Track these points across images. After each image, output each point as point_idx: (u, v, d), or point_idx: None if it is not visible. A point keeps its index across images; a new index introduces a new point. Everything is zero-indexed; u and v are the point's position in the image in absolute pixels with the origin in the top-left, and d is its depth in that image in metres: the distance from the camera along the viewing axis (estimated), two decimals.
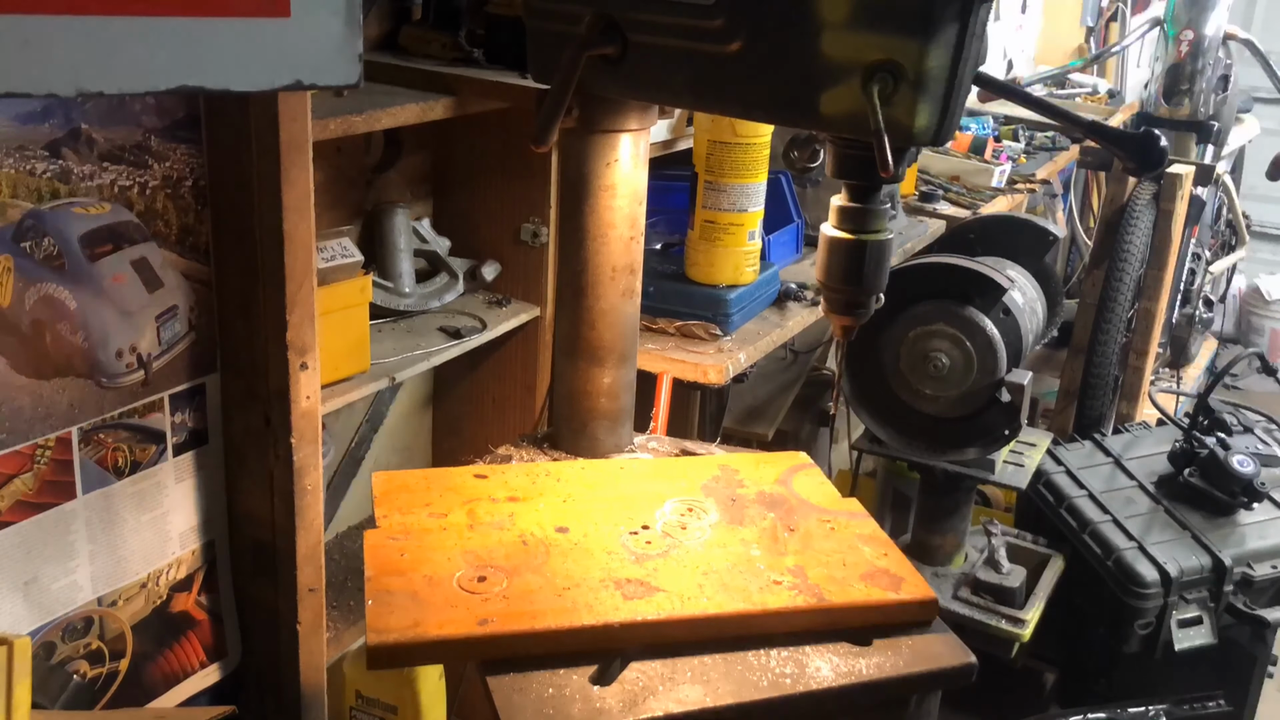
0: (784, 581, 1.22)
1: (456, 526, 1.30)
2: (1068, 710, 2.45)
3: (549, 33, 1.29)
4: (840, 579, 1.23)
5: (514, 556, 1.24)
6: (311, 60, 1.04)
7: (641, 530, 1.31)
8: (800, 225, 2.53)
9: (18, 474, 1.40)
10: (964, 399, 2.22)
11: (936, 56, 1.03)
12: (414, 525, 1.30)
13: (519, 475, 1.42)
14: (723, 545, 1.29)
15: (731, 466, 1.47)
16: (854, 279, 1.21)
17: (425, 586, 1.18)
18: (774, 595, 1.19)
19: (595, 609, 1.16)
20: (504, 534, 1.29)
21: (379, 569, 1.21)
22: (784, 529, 1.32)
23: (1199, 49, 3.77)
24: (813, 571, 1.24)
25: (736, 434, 2.70)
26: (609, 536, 1.30)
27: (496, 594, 1.18)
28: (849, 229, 1.20)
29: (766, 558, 1.26)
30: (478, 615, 1.14)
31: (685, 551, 1.27)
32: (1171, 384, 3.88)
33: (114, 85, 0.95)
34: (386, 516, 1.31)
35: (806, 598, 1.19)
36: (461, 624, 1.13)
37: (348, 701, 1.93)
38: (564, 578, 1.21)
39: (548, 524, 1.31)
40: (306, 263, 1.51)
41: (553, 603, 1.16)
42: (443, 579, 1.20)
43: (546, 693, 1.09)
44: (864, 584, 1.22)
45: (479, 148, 2.05)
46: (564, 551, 1.26)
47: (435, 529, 1.29)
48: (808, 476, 1.45)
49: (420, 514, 1.32)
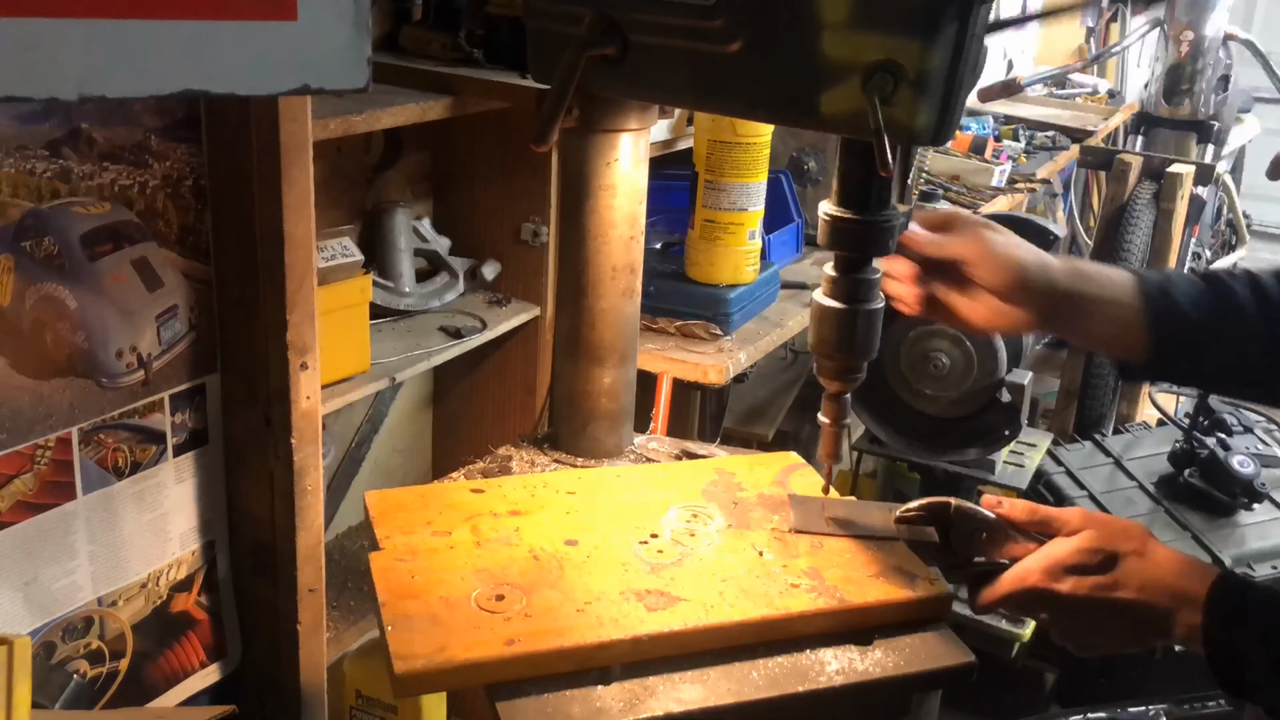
0: (801, 584, 1.21)
1: (463, 545, 1.27)
2: (1068, 710, 2.45)
3: (549, 33, 1.29)
4: (856, 579, 1.22)
5: (528, 573, 1.22)
6: (319, 64, 1.04)
7: (651, 539, 1.30)
8: (800, 225, 2.53)
9: (18, 474, 1.40)
10: (964, 399, 2.22)
11: (936, 56, 1.03)
12: (420, 545, 1.26)
13: (516, 488, 1.40)
14: (734, 550, 1.27)
15: (727, 470, 1.46)
16: (846, 348, 1.23)
17: (444, 609, 1.15)
18: (795, 599, 1.18)
19: (621, 623, 1.14)
20: (513, 550, 1.26)
21: (392, 593, 1.17)
22: (791, 531, 1.31)
23: (1199, 49, 3.77)
24: (828, 572, 1.23)
25: (736, 434, 2.70)
26: (620, 547, 1.28)
27: (518, 612, 1.15)
28: (840, 298, 1.22)
29: (780, 561, 1.25)
30: (503, 636, 1.11)
31: (699, 559, 1.26)
32: (1171, 384, 3.87)
33: (117, 89, 0.95)
34: (389, 537, 1.27)
35: (827, 599, 1.18)
36: (488, 646, 1.09)
37: (348, 701, 1.93)
38: (583, 592, 1.19)
39: (555, 537, 1.29)
40: (306, 262, 1.51)
41: (577, 619, 1.14)
42: (460, 600, 1.16)
43: (546, 693, 1.08)
44: (880, 582, 1.21)
45: (479, 148, 2.05)
46: (577, 565, 1.24)
47: (442, 548, 1.26)
48: (803, 476, 1.45)
49: (423, 533, 1.28)
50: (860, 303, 1.22)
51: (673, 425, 2.19)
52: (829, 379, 1.27)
